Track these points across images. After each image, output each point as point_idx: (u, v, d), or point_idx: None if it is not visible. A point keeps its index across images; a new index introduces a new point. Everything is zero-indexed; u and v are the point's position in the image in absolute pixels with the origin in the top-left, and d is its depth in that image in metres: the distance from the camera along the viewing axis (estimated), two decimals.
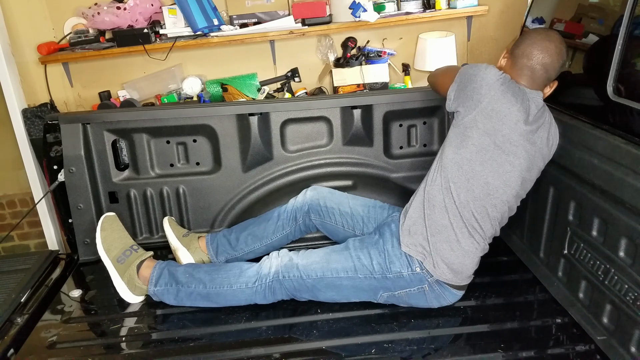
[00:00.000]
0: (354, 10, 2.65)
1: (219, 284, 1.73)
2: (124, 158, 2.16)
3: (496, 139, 1.52)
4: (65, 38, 2.79)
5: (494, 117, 1.52)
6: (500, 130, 1.52)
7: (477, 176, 1.55)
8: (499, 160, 1.53)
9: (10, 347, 1.60)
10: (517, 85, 1.56)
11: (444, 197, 1.59)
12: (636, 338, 1.33)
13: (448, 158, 1.59)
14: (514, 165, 1.54)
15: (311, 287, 1.68)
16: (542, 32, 1.61)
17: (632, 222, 1.31)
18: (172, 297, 1.76)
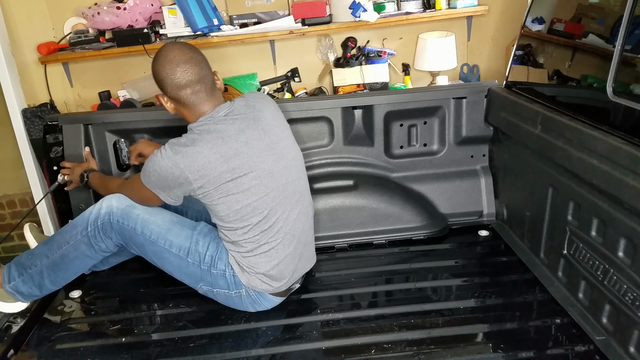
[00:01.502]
0: (354, 10, 2.65)
1: (57, 247, 1.70)
2: (124, 158, 2.16)
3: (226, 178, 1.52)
4: (65, 38, 2.79)
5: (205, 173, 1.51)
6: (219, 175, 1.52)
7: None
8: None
9: (10, 348, 1.60)
10: (189, 136, 1.54)
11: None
12: (635, 338, 1.33)
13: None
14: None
15: (140, 244, 1.69)
16: (164, 60, 1.53)
17: (631, 223, 1.31)
18: (28, 286, 1.72)
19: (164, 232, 1.67)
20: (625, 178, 1.30)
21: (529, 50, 1.97)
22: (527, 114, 1.79)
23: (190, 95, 1.55)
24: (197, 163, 1.49)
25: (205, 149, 1.50)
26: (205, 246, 1.66)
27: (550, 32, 1.85)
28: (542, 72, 1.88)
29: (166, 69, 1.52)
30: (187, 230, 1.69)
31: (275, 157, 1.61)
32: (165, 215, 1.71)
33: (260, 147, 1.58)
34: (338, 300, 1.79)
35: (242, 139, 1.54)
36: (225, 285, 1.66)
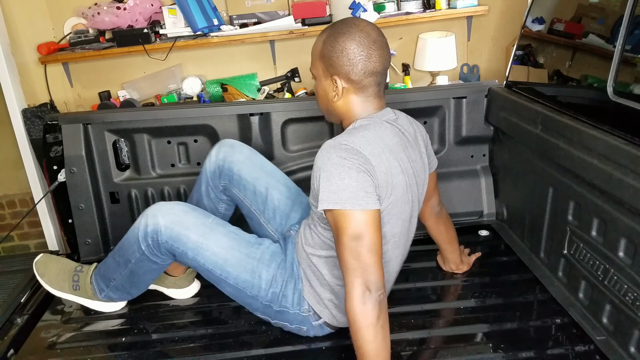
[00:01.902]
0: (354, 10, 2.65)
1: (124, 264, 1.60)
2: (124, 158, 2.16)
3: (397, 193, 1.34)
4: (65, 38, 2.79)
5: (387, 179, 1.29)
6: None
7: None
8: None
9: (10, 348, 1.60)
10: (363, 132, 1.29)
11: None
12: (635, 338, 1.33)
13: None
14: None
15: (194, 267, 1.55)
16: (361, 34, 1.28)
17: (632, 223, 1.31)
18: (119, 293, 1.69)
19: (221, 262, 1.47)
20: (625, 178, 1.30)
21: (529, 50, 1.97)
22: (527, 113, 1.79)
23: (376, 84, 1.33)
24: (383, 164, 1.27)
25: (386, 149, 1.29)
26: (268, 281, 1.46)
27: (550, 32, 1.85)
28: (543, 72, 1.88)
29: (367, 49, 1.27)
30: (248, 260, 1.48)
31: (418, 189, 1.42)
32: (221, 239, 1.49)
33: (410, 172, 1.36)
34: None
35: (411, 156, 1.38)
36: (286, 319, 1.50)
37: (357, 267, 1.19)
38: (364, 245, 1.19)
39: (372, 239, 1.20)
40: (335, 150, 1.24)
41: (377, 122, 1.33)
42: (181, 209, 1.53)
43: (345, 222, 1.20)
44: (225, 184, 1.73)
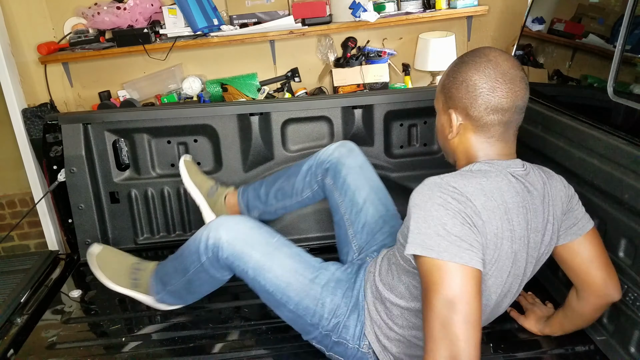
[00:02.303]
0: (354, 10, 2.65)
1: (183, 271, 1.55)
2: (124, 158, 2.16)
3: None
4: (65, 38, 2.79)
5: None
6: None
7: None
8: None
9: (10, 348, 1.60)
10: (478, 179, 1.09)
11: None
12: (636, 338, 1.33)
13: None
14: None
15: (253, 285, 1.46)
16: (492, 67, 1.12)
17: (632, 223, 1.31)
18: (173, 298, 1.68)
19: (283, 286, 1.38)
20: (625, 178, 1.30)
21: (529, 50, 1.97)
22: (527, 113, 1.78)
23: (501, 124, 1.13)
24: (496, 212, 1.07)
25: (500, 198, 1.09)
26: (331, 310, 1.34)
27: (550, 32, 1.85)
28: (543, 72, 1.88)
29: (492, 80, 1.11)
30: (312, 285, 1.37)
31: (530, 260, 1.19)
32: (285, 260, 1.41)
33: (525, 242, 1.15)
34: None
35: (528, 216, 1.14)
36: (342, 352, 1.36)
37: (445, 337, 0.94)
38: (460, 313, 0.94)
39: (471, 306, 0.95)
40: (440, 190, 1.04)
41: (499, 171, 1.12)
42: (246, 225, 1.47)
43: (439, 278, 0.96)
44: (329, 183, 1.69)
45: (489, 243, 1.05)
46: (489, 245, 1.06)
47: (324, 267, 1.44)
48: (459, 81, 1.15)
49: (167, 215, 2.19)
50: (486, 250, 1.05)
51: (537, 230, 1.17)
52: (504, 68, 1.12)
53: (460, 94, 1.15)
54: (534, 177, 1.19)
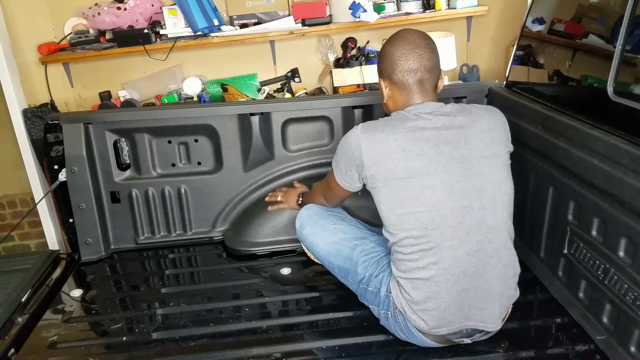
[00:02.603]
0: (354, 11, 2.66)
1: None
2: (125, 158, 2.16)
3: (398, 176, 1.39)
4: (66, 38, 2.79)
5: (381, 162, 1.41)
6: (394, 169, 1.40)
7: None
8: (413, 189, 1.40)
9: (11, 347, 1.60)
10: (385, 121, 1.47)
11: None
12: (636, 338, 1.33)
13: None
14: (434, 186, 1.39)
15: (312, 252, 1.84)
16: (402, 41, 1.47)
17: (632, 222, 1.31)
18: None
19: (326, 255, 1.73)
20: (625, 178, 1.30)
21: (529, 50, 1.97)
22: (527, 113, 1.79)
23: (414, 82, 1.46)
24: (377, 149, 1.41)
25: (391, 138, 1.40)
26: (364, 267, 1.60)
27: (550, 32, 1.86)
28: (543, 72, 1.89)
29: (402, 50, 1.45)
30: (347, 250, 1.67)
31: (465, 174, 1.40)
32: (327, 236, 1.73)
33: (451, 156, 1.40)
34: (339, 299, 1.79)
35: (433, 140, 1.40)
36: (377, 302, 1.55)
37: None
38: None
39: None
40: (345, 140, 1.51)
41: (399, 115, 1.46)
42: (309, 213, 1.82)
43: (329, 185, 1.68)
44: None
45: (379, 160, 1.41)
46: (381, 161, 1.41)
47: (365, 240, 1.69)
48: (382, 55, 1.53)
49: (168, 215, 2.19)
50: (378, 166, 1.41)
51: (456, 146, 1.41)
52: (410, 39, 1.47)
53: (385, 64, 1.51)
54: (451, 107, 1.47)
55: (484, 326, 1.44)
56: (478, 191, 1.40)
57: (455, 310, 1.41)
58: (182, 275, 2.05)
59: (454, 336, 1.45)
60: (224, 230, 2.21)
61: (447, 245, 1.38)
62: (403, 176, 1.39)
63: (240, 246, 2.11)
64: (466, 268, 1.39)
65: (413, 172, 1.38)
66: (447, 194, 1.38)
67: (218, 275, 2.00)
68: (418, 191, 1.38)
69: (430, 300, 1.40)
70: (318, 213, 1.81)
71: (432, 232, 1.38)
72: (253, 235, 2.11)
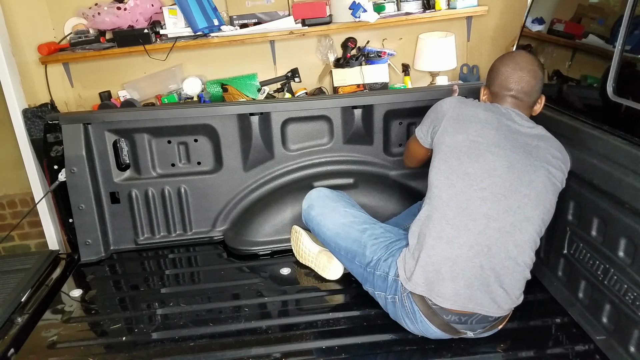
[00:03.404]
0: (354, 11, 2.66)
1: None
2: (124, 158, 2.16)
3: (469, 136, 1.50)
4: (66, 38, 2.79)
5: (461, 119, 1.53)
6: (469, 128, 1.51)
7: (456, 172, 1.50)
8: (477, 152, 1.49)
9: (11, 347, 1.60)
10: (479, 101, 1.62)
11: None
12: (635, 338, 1.33)
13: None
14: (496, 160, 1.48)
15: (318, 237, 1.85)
16: (511, 61, 1.59)
17: (632, 222, 1.32)
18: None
19: (333, 236, 1.74)
20: (625, 178, 1.30)
21: (529, 50, 1.97)
22: None
23: (508, 97, 1.57)
24: (464, 112, 1.54)
25: (480, 111, 1.53)
26: (373, 250, 1.62)
27: (550, 32, 1.86)
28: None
29: (507, 68, 1.57)
30: (356, 233, 1.69)
31: (527, 165, 1.47)
32: (336, 218, 1.76)
33: (522, 150, 1.48)
34: (339, 299, 1.79)
35: (511, 134, 1.50)
36: (384, 287, 1.57)
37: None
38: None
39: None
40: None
41: (488, 103, 1.61)
42: (318, 195, 1.86)
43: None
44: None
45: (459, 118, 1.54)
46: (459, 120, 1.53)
47: (374, 225, 1.72)
48: (494, 67, 1.63)
49: (168, 215, 2.19)
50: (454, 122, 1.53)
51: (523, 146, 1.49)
52: (518, 60, 1.58)
53: (490, 76, 1.64)
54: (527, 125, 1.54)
55: (486, 312, 1.44)
56: (530, 183, 1.46)
57: (465, 282, 1.42)
58: (182, 275, 2.05)
59: (459, 326, 1.46)
60: (224, 230, 2.21)
61: (484, 212, 1.43)
62: (469, 142, 1.48)
63: (240, 245, 2.11)
64: (492, 242, 1.42)
65: (481, 147, 1.47)
66: (505, 167, 1.45)
67: (218, 275, 2.00)
68: (481, 152, 1.46)
69: (446, 262, 1.43)
70: (329, 195, 1.84)
71: (466, 210, 1.44)
72: (254, 235, 2.11)
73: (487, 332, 1.50)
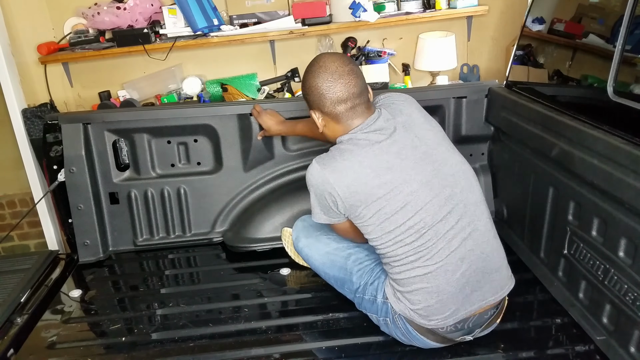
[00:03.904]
0: (354, 10, 2.65)
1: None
2: (124, 158, 2.16)
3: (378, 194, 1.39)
4: (65, 38, 2.79)
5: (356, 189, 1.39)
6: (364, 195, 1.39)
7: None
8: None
9: (10, 347, 1.60)
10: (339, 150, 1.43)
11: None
12: (635, 338, 1.33)
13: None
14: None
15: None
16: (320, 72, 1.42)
17: (632, 222, 1.31)
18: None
19: (321, 266, 1.73)
20: (625, 178, 1.30)
21: (530, 50, 1.97)
22: (527, 113, 1.79)
23: (348, 110, 1.43)
24: (347, 178, 1.39)
25: (355, 163, 1.39)
26: (359, 275, 1.60)
27: (550, 32, 1.85)
28: (543, 72, 1.88)
29: (327, 82, 1.41)
30: (341, 260, 1.66)
31: (435, 166, 1.42)
32: (320, 247, 1.73)
33: (416, 157, 1.41)
34: (339, 299, 1.79)
35: (393, 150, 1.40)
36: (374, 309, 1.55)
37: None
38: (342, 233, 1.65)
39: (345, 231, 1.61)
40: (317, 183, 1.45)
41: (349, 141, 1.43)
42: (303, 225, 1.83)
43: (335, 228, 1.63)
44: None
45: (352, 200, 1.40)
46: (356, 188, 1.39)
47: (358, 249, 1.67)
48: (307, 88, 1.47)
49: (167, 216, 2.19)
50: (355, 195, 1.39)
51: (414, 146, 1.42)
52: (332, 68, 1.42)
53: (312, 97, 1.46)
54: (386, 114, 1.45)
55: (486, 302, 1.44)
56: (453, 176, 1.44)
57: (457, 298, 1.41)
58: (182, 275, 2.05)
59: (456, 334, 1.45)
60: (223, 231, 2.21)
61: (443, 239, 1.39)
62: (383, 194, 1.38)
63: (239, 243, 2.10)
64: (463, 254, 1.40)
65: (391, 186, 1.38)
66: (428, 192, 1.39)
67: (217, 276, 1.99)
68: (403, 201, 1.38)
69: (432, 296, 1.39)
70: (312, 224, 1.78)
71: (426, 233, 1.38)
72: (253, 233, 2.11)
73: (485, 330, 1.50)
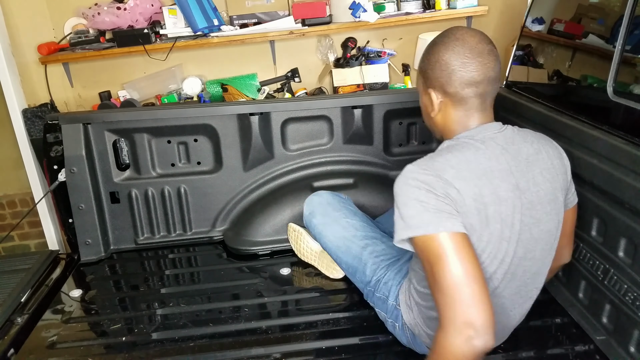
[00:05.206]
0: (354, 11, 2.65)
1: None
2: (124, 158, 2.16)
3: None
4: (66, 38, 2.79)
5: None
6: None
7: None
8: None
9: (11, 347, 1.60)
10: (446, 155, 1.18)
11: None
12: (635, 338, 1.33)
13: None
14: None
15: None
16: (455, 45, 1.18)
17: (632, 223, 1.31)
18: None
19: (334, 249, 1.68)
20: (625, 178, 1.30)
21: (529, 50, 1.97)
22: (527, 113, 1.79)
23: (477, 95, 1.19)
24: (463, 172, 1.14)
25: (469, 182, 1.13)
26: (373, 269, 1.55)
27: (550, 32, 1.86)
28: (542, 72, 1.88)
29: (463, 57, 1.17)
30: (357, 248, 1.61)
31: (529, 220, 1.20)
32: (337, 230, 1.67)
33: (522, 202, 1.18)
34: (339, 299, 1.79)
35: (507, 182, 1.16)
36: (384, 308, 1.50)
37: (456, 301, 1.01)
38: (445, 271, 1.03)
39: (469, 266, 1.02)
40: (412, 174, 1.17)
41: (468, 143, 1.20)
42: (320, 200, 1.77)
43: (436, 251, 1.05)
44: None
45: (470, 208, 1.11)
46: (470, 210, 1.11)
47: (375, 240, 1.62)
48: (432, 62, 1.22)
49: (168, 215, 2.19)
50: (468, 215, 1.10)
51: (528, 189, 1.20)
52: (472, 44, 1.18)
53: (436, 73, 1.21)
54: (510, 132, 1.24)
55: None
56: (536, 241, 1.24)
57: None
58: (182, 275, 2.05)
59: None
60: (224, 229, 2.21)
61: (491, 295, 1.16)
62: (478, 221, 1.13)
63: (240, 245, 2.11)
64: (498, 310, 1.19)
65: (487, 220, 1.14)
66: (506, 246, 1.18)
67: (218, 276, 2.00)
68: (486, 240, 1.15)
69: None
70: (330, 202, 1.75)
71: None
72: (254, 235, 2.11)
73: None
